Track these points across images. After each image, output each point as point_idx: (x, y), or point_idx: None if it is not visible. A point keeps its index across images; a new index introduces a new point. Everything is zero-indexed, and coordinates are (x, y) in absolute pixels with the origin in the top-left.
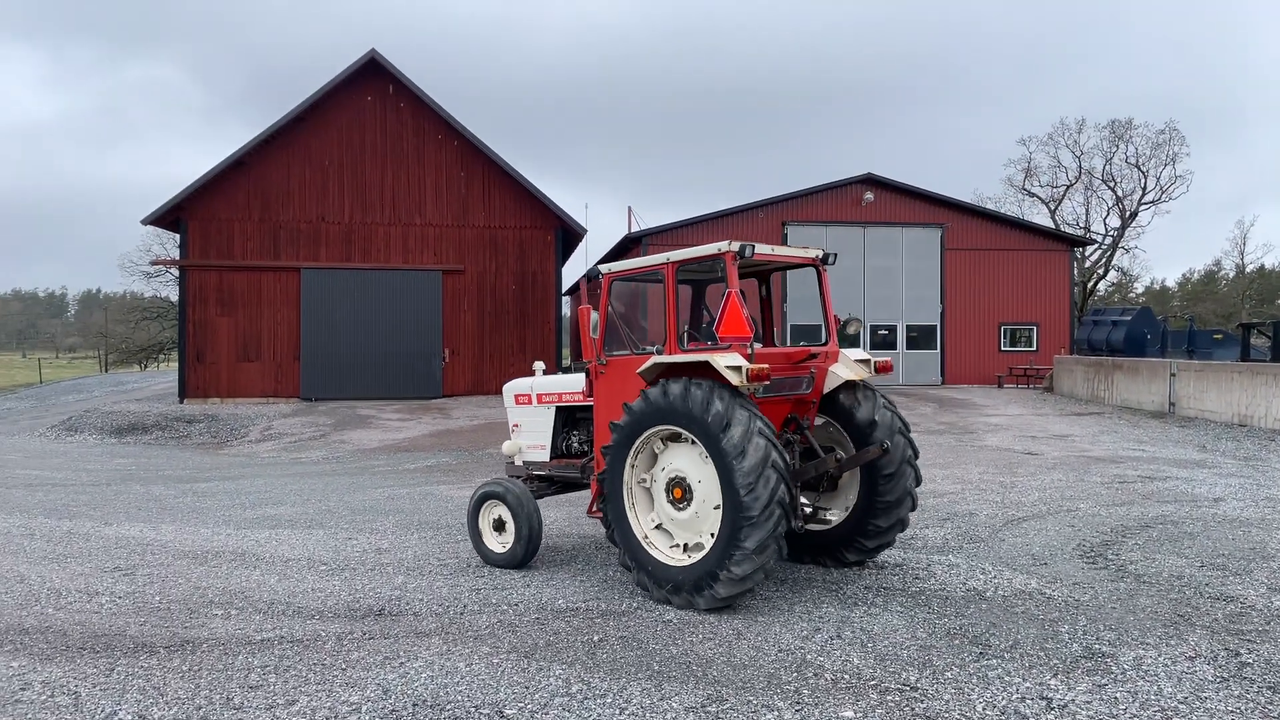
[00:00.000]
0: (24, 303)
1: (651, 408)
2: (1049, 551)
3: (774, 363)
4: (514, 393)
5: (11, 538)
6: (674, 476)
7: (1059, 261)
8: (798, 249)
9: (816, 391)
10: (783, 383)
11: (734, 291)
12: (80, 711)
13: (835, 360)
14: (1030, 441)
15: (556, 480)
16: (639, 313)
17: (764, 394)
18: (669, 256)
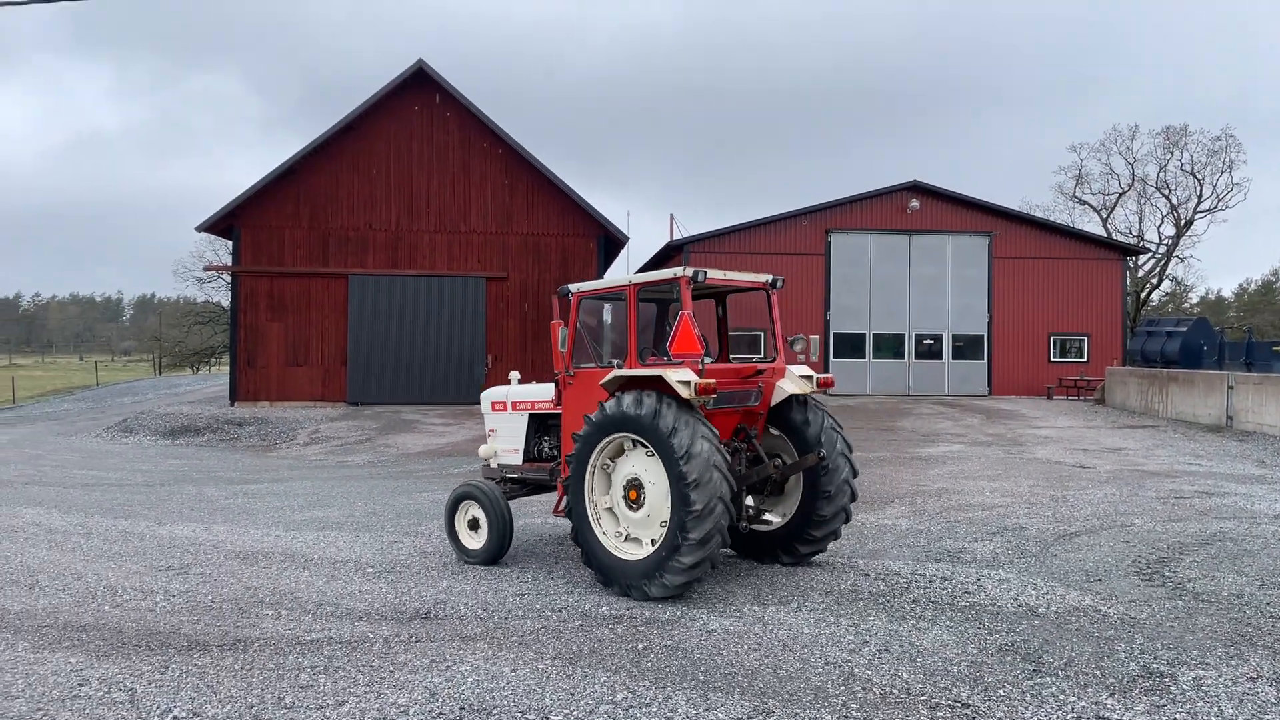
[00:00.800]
0: (81, 307)
1: (609, 418)
2: (1103, 567)
3: (724, 377)
4: (491, 400)
5: (70, 536)
6: (630, 479)
7: (1111, 271)
8: (749, 274)
9: (764, 404)
10: (732, 395)
11: (686, 313)
12: (136, 708)
13: (782, 376)
14: (1082, 454)
15: (529, 482)
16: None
17: (715, 405)
18: (630, 279)
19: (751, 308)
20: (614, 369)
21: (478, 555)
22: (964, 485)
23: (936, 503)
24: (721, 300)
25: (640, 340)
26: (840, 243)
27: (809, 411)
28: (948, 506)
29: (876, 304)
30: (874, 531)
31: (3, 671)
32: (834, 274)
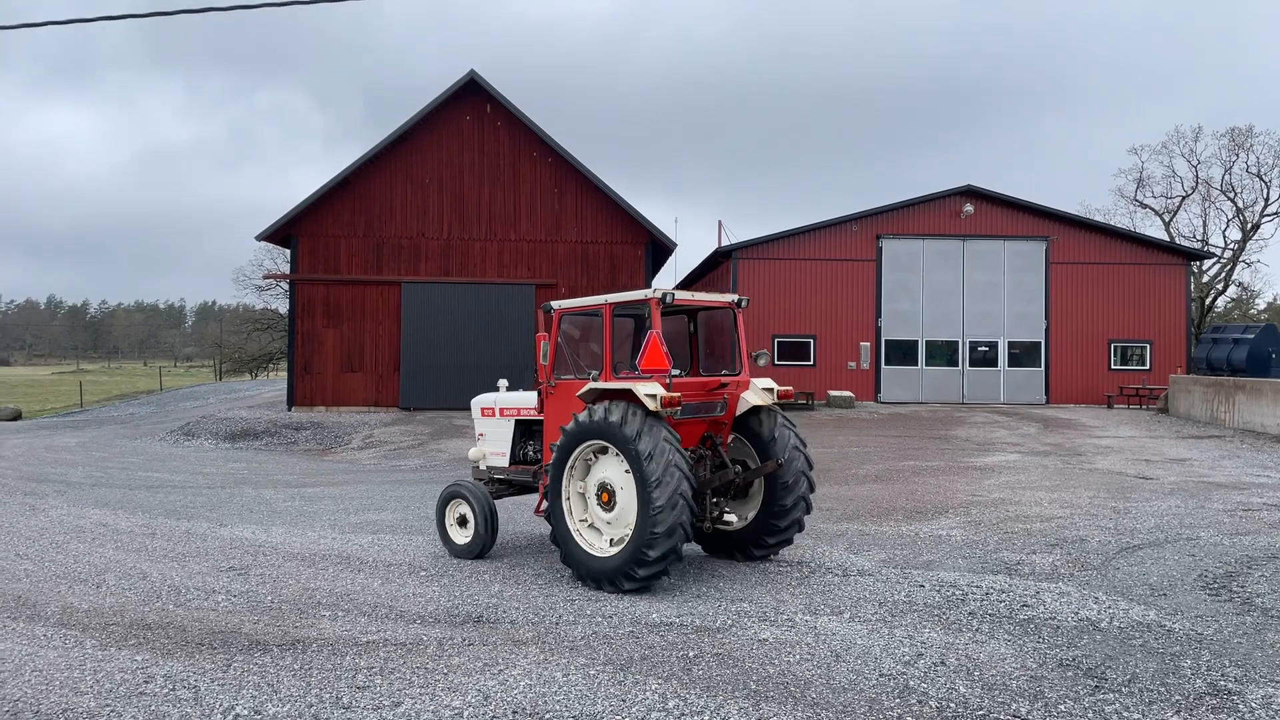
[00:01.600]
0: (146, 314)
1: (584, 427)
2: (1168, 581)
3: (690, 390)
4: (480, 406)
5: (135, 537)
6: (602, 483)
7: (1174, 276)
8: (715, 294)
9: (729, 414)
10: (699, 406)
11: (655, 332)
12: (200, 705)
13: (746, 388)
14: (1144, 465)
15: (514, 483)
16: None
17: (683, 415)
18: (606, 299)
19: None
20: (590, 381)
21: (464, 549)
22: (1021, 496)
23: (993, 513)
24: (693, 317)
25: (617, 354)
26: (892, 248)
27: (771, 421)
28: (1004, 517)
29: (929, 310)
30: (928, 542)
31: (71, 668)
32: (885, 280)
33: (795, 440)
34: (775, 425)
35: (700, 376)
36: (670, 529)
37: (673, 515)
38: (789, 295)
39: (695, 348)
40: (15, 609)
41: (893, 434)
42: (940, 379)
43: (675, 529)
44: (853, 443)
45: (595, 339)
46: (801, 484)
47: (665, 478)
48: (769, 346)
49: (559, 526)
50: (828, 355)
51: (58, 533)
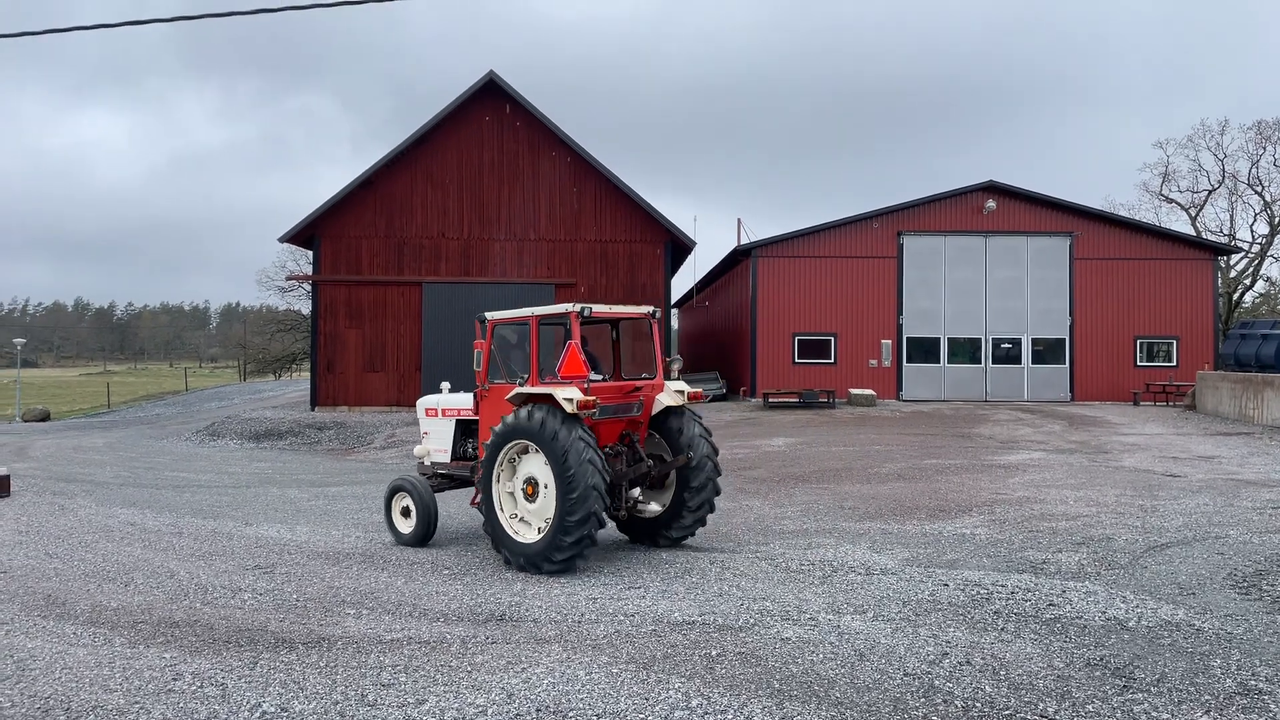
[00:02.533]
0: (171, 315)
1: (510, 427)
2: (1196, 580)
3: (608, 394)
4: (425, 407)
5: (162, 536)
6: (528, 477)
7: (1201, 271)
8: (631, 307)
9: (646, 414)
10: (617, 407)
11: (573, 342)
12: (227, 702)
13: (661, 390)
14: (1171, 463)
15: (455, 478)
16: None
17: (601, 415)
18: (534, 311)
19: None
20: (518, 386)
21: (408, 538)
22: (1046, 494)
23: (1017, 512)
24: (615, 326)
25: (543, 361)
26: (913, 245)
27: (683, 420)
28: (1029, 516)
29: (951, 307)
30: (952, 541)
31: (100, 666)
32: (906, 277)
33: (705, 440)
34: (686, 424)
35: (619, 381)
36: (584, 518)
37: (586, 506)
38: (809, 293)
39: (618, 354)
40: (45, 607)
41: (915, 432)
42: (963, 376)
43: (588, 518)
44: (874, 441)
45: (524, 347)
46: (708, 478)
47: (580, 472)
48: (789, 345)
49: (490, 516)
50: (849, 353)
51: (86, 532)
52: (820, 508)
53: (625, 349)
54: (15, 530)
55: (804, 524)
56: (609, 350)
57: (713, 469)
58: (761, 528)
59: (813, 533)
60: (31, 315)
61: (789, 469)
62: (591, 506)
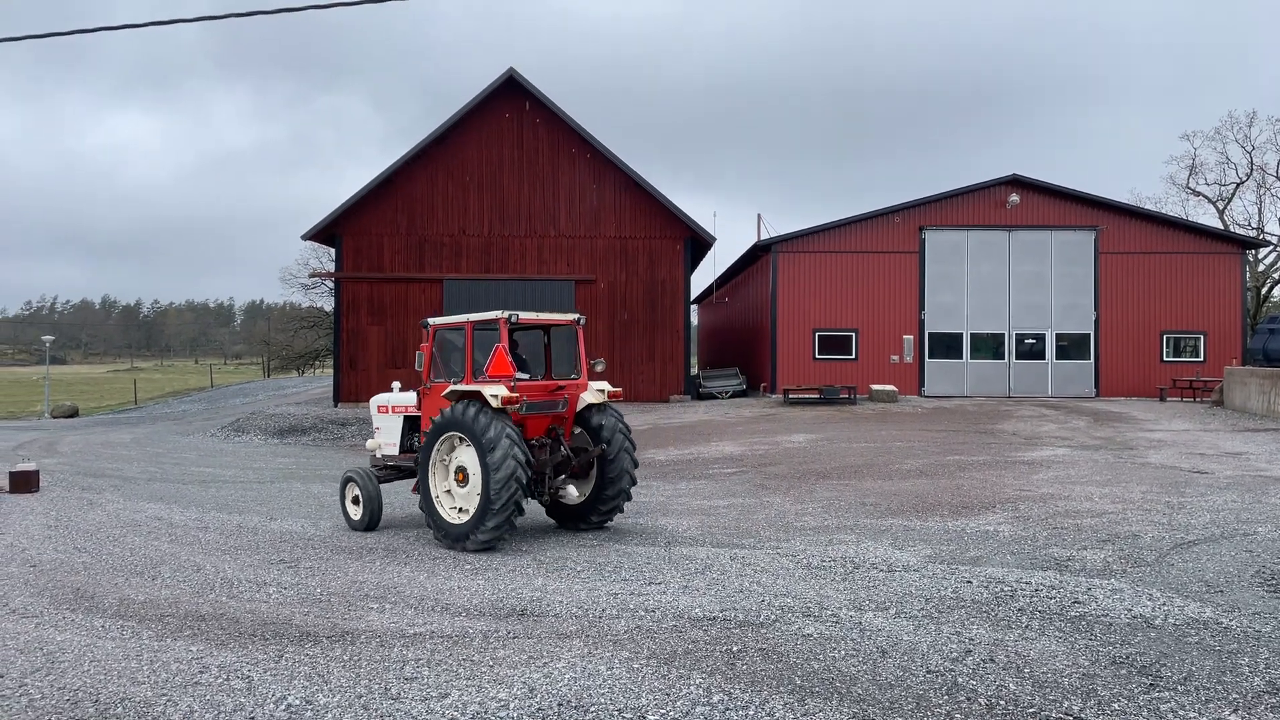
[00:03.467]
0: (196, 313)
1: (444, 421)
2: (1224, 578)
3: (534, 392)
4: (377, 404)
5: (188, 530)
6: (459, 466)
7: (1229, 265)
8: (558, 314)
9: (571, 410)
10: (542, 404)
11: (500, 345)
12: (253, 695)
13: (585, 389)
14: (1199, 459)
15: (403, 469)
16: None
17: (528, 411)
18: (469, 317)
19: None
20: (452, 384)
21: (358, 524)
22: (1071, 490)
23: (1041, 508)
24: (547, 331)
25: (476, 363)
26: (935, 240)
27: (604, 415)
28: (1054, 512)
29: (974, 302)
30: (975, 537)
31: (129, 658)
32: (928, 272)
33: (623, 433)
34: (607, 419)
35: (546, 380)
36: (505, 503)
37: (507, 492)
38: (830, 289)
39: (549, 356)
40: (74, 601)
41: (937, 428)
42: (986, 372)
43: (509, 503)
44: (895, 437)
45: (461, 349)
46: (624, 468)
47: (503, 462)
48: (810, 340)
49: (426, 500)
50: (870, 349)
51: (114, 526)
52: (841, 504)
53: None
54: (45, 525)
55: (825, 520)
56: (541, 353)
57: (628, 461)
58: (783, 524)
59: (834, 529)
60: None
61: (810, 465)
62: (513, 493)
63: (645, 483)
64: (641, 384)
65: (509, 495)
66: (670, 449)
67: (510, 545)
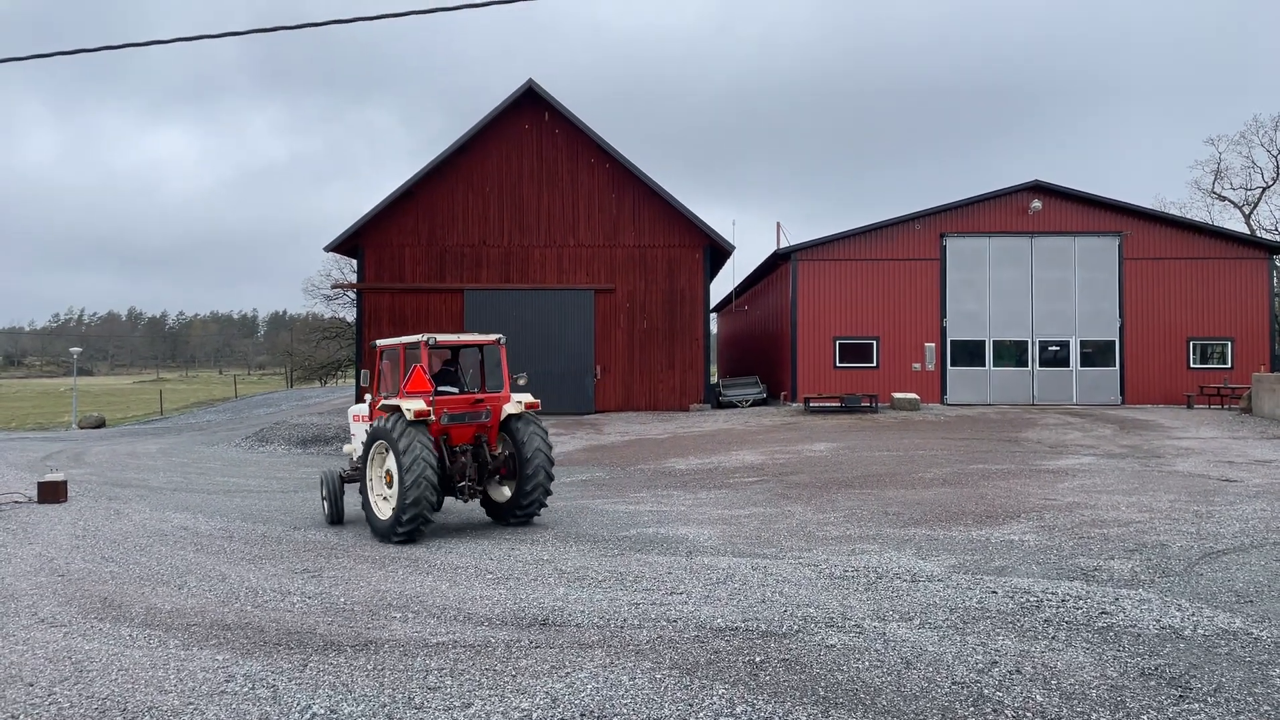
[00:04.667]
0: (220, 324)
1: (375, 430)
2: (1254, 588)
3: (457, 405)
4: (352, 414)
5: (214, 540)
6: (386, 469)
7: (1256, 270)
8: (479, 335)
9: (494, 420)
10: (464, 415)
11: (418, 365)
12: (278, 704)
13: (508, 400)
14: (1227, 467)
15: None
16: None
17: (451, 421)
18: (402, 340)
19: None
20: (383, 398)
21: (327, 518)
22: (1097, 499)
23: (1067, 518)
24: (482, 350)
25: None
26: (956, 247)
27: (523, 424)
28: (1080, 522)
29: (996, 310)
30: (999, 547)
31: (155, 667)
32: (950, 279)
33: (539, 439)
34: (524, 428)
35: (470, 393)
36: (415, 500)
37: (416, 491)
38: (850, 296)
39: (483, 372)
40: (102, 610)
41: (960, 436)
42: (1009, 380)
43: (419, 500)
44: (918, 446)
45: (397, 367)
46: (539, 470)
47: (413, 466)
48: (830, 348)
49: (365, 499)
50: (891, 357)
51: (141, 536)
52: (864, 513)
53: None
54: (72, 535)
55: (848, 530)
56: (476, 369)
57: (544, 462)
58: (805, 533)
59: (857, 539)
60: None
61: (831, 474)
62: (422, 491)
63: (666, 492)
64: (661, 393)
65: (418, 494)
66: (691, 458)
67: (530, 554)
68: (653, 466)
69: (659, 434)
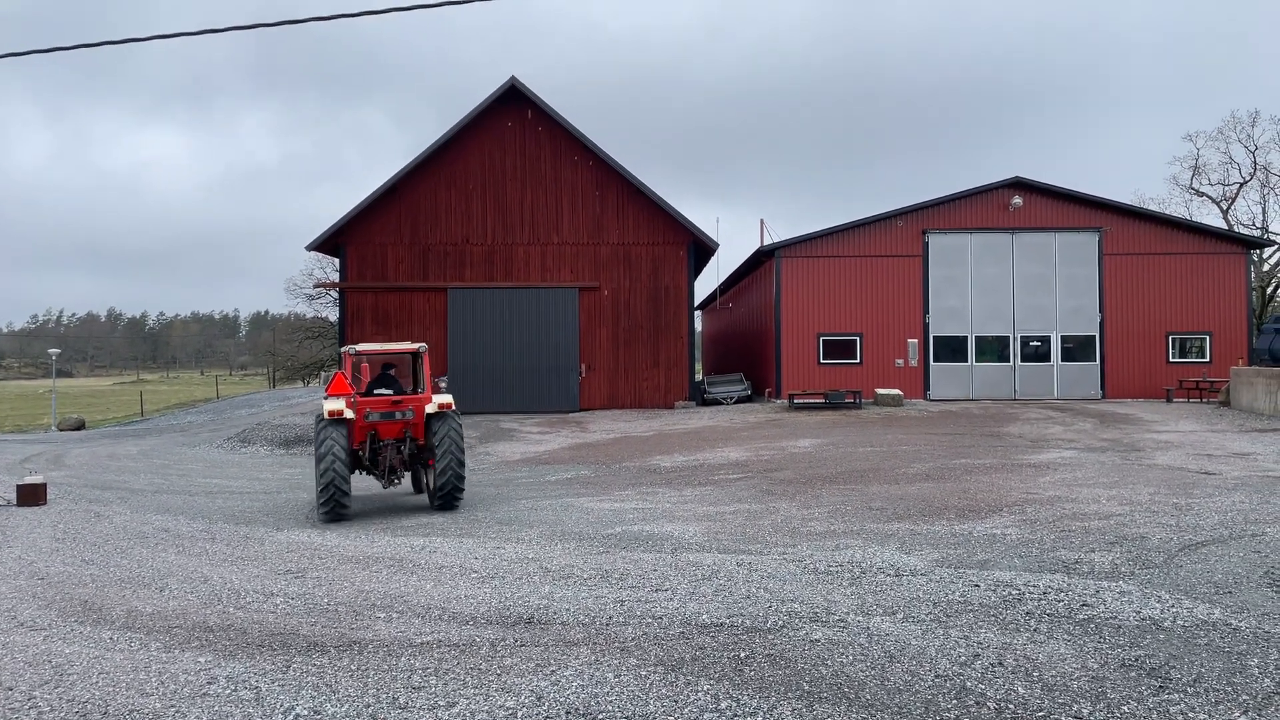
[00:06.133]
0: (201, 324)
1: (315, 426)
2: (1233, 579)
3: (381, 405)
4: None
5: (195, 541)
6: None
7: (1234, 265)
8: (404, 344)
9: (419, 418)
10: (386, 414)
11: (339, 371)
12: (261, 706)
13: (429, 401)
14: (1206, 460)
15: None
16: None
17: (382, 418)
18: (348, 349)
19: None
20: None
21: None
22: (1078, 493)
23: (1048, 511)
24: (417, 356)
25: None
26: (938, 243)
27: (440, 422)
28: (1061, 515)
29: (978, 305)
30: (982, 541)
31: (137, 670)
32: (932, 275)
33: (452, 435)
34: (440, 425)
35: (393, 395)
36: (325, 487)
37: (327, 478)
38: (833, 293)
39: (414, 377)
40: (82, 613)
41: (943, 431)
42: (991, 375)
43: (329, 487)
44: (901, 441)
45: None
46: (447, 456)
47: (324, 457)
48: (814, 345)
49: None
50: (874, 353)
51: (122, 538)
52: (848, 509)
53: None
54: (52, 537)
55: (832, 525)
56: (410, 373)
57: (451, 450)
58: (789, 529)
59: (840, 534)
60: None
61: (815, 470)
62: (330, 479)
63: (651, 489)
64: (646, 390)
65: (327, 481)
66: (675, 455)
67: (515, 552)
68: (638, 464)
69: (644, 431)
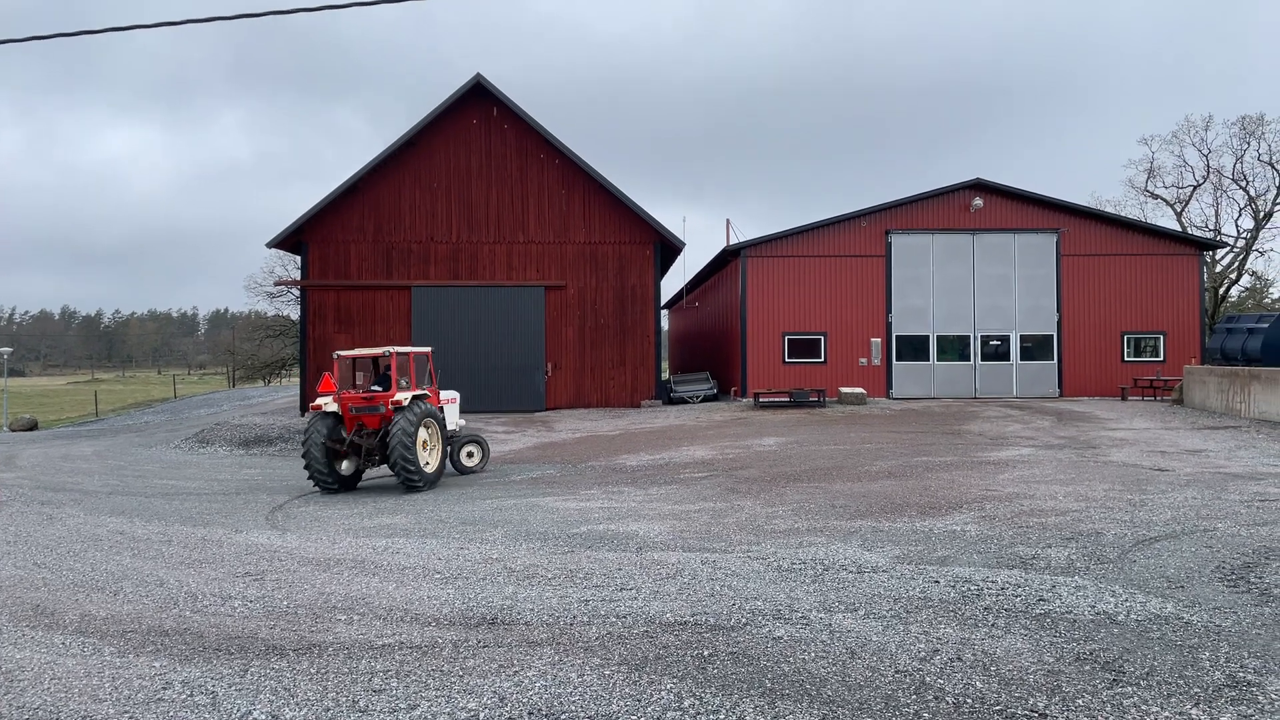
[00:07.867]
0: (158, 323)
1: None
2: (1185, 574)
3: (355, 401)
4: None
5: (151, 544)
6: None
7: (1187, 266)
8: (377, 349)
9: (390, 413)
10: (362, 408)
11: (327, 374)
12: (218, 711)
13: (393, 397)
14: (1160, 457)
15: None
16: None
17: (360, 412)
18: (338, 354)
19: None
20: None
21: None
22: (1035, 490)
23: (1007, 508)
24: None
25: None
26: (901, 243)
27: (399, 414)
28: (1019, 512)
29: (940, 305)
30: (942, 538)
31: (90, 675)
32: (895, 275)
33: (400, 423)
34: (397, 417)
35: (368, 392)
36: (307, 465)
37: (308, 459)
38: (799, 292)
39: (393, 377)
40: (34, 618)
41: (905, 430)
42: (952, 374)
43: (310, 466)
44: (865, 439)
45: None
46: (395, 442)
47: (307, 443)
48: (779, 344)
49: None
50: (838, 352)
51: (75, 541)
52: (811, 507)
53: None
54: (3, 540)
55: (795, 523)
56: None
57: (399, 436)
58: (753, 527)
59: (804, 531)
60: (18, 324)
61: (780, 468)
62: (311, 460)
63: (617, 488)
64: (612, 389)
65: (309, 462)
66: (641, 454)
67: (480, 553)
68: (604, 463)
69: (610, 430)
